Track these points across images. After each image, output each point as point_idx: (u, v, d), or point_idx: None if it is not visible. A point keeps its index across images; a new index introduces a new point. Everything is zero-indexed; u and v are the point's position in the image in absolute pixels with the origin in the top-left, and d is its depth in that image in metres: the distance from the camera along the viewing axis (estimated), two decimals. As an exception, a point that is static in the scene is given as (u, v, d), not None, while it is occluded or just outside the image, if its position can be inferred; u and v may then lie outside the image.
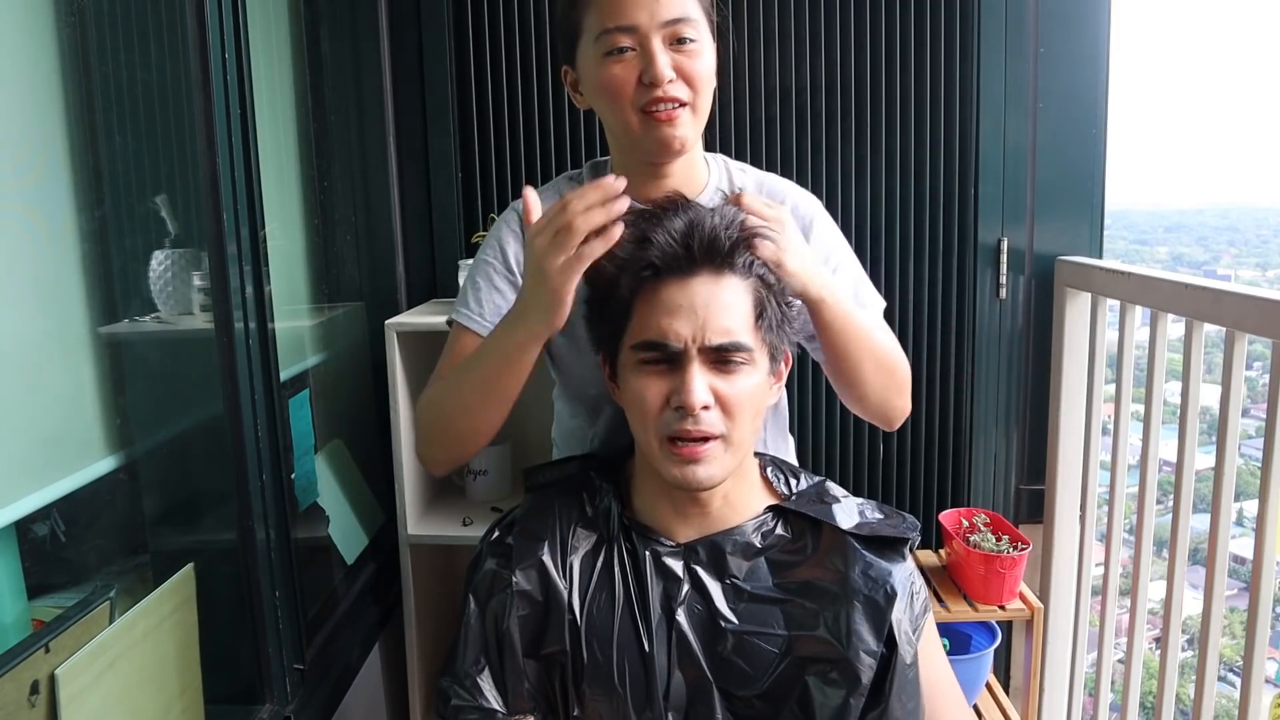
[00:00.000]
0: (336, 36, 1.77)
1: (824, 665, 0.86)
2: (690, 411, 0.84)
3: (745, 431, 0.87)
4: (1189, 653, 1.85)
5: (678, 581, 0.90)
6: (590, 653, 0.88)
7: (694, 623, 0.88)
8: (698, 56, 0.95)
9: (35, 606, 0.97)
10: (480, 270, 1.06)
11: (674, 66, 0.93)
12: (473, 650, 0.90)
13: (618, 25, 0.93)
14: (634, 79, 0.94)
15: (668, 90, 0.93)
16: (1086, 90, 1.85)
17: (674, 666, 0.87)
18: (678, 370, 0.85)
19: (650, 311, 0.86)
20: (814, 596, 0.88)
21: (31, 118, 0.98)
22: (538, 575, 0.90)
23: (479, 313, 1.03)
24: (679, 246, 0.85)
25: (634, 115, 0.95)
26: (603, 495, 0.95)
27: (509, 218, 1.08)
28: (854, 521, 0.92)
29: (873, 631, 0.86)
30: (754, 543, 0.91)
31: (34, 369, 0.96)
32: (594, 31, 0.95)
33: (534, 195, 0.91)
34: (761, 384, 0.88)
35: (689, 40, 0.94)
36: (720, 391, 0.85)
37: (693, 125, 0.97)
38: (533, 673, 0.89)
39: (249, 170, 1.16)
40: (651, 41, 0.93)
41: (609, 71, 0.94)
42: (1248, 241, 8.68)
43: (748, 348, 0.85)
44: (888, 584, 0.88)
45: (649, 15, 0.93)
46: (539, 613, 0.89)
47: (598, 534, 0.93)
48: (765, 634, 0.88)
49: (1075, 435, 1.84)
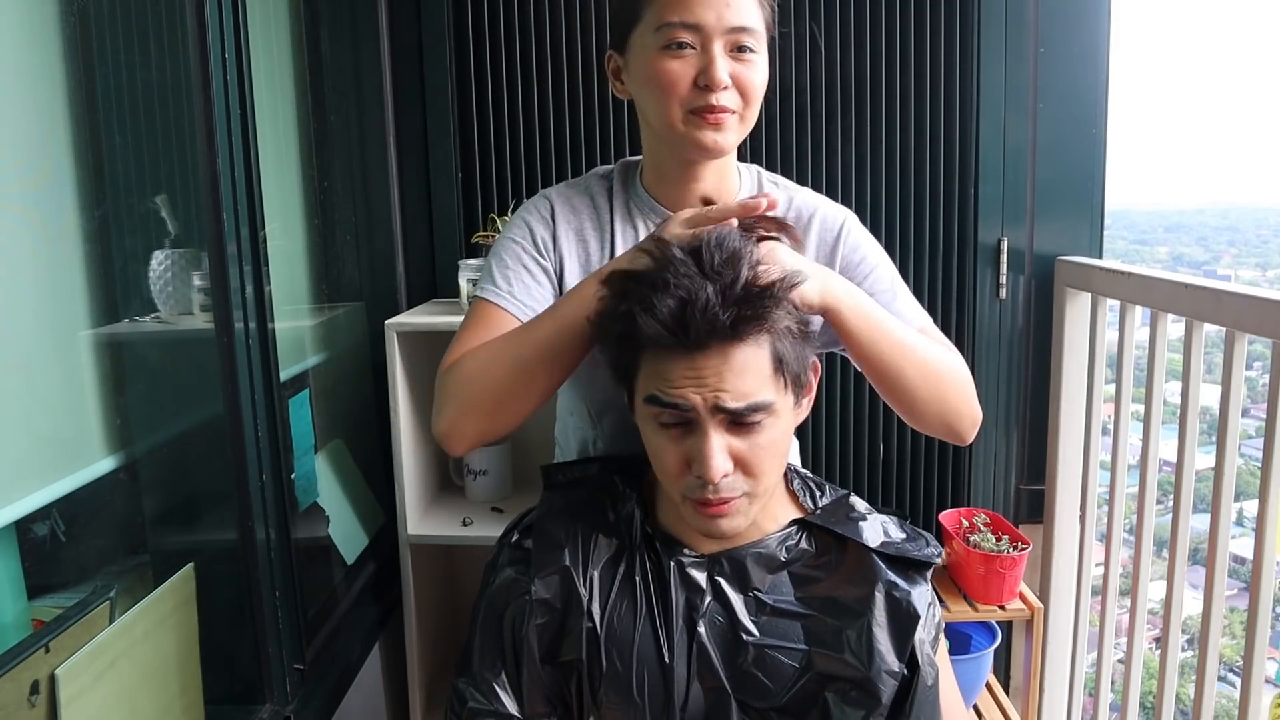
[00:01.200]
0: (336, 36, 1.77)
1: (844, 684, 0.85)
2: (710, 482, 0.81)
3: (770, 481, 0.85)
4: (1189, 653, 1.85)
5: (700, 592, 0.89)
6: (610, 661, 0.87)
7: (714, 634, 0.87)
8: (755, 67, 0.94)
9: (35, 606, 0.97)
10: (507, 249, 1.03)
11: (731, 74, 0.92)
12: (489, 654, 0.90)
13: (682, 20, 0.91)
14: (689, 78, 0.92)
15: (720, 97, 0.92)
16: (1086, 90, 1.85)
17: (693, 677, 0.86)
18: (693, 433, 0.81)
19: (655, 376, 0.81)
20: (837, 613, 0.87)
21: (32, 118, 0.98)
22: (557, 583, 0.89)
23: (508, 290, 0.99)
24: (672, 332, 0.78)
25: (680, 113, 0.94)
26: (625, 502, 0.94)
27: (538, 205, 1.05)
28: (879, 540, 0.91)
29: (895, 652, 0.85)
30: (778, 556, 0.90)
31: (34, 369, 0.96)
32: (654, 22, 0.92)
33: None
34: (787, 426, 0.86)
35: (749, 50, 0.93)
36: (740, 453, 0.82)
37: (736, 132, 0.96)
38: (549, 679, 0.88)
39: (249, 170, 1.16)
40: (714, 44, 0.91)
41: (665, 64, 0.92)
42: (1248, 241, 8.68)
43: (768, 405, 0.81)
44: (912, 605, 0.87)
45: (716, 17, 0.91)
46: (557, 621, 0.88)
47: (619, 541, 0.91)
48: (786, 648, 0.86)
49: (1075, 435, 1.84)
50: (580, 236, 1.03)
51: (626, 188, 1.05)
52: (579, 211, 1.04)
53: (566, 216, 1.03)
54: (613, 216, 1.03)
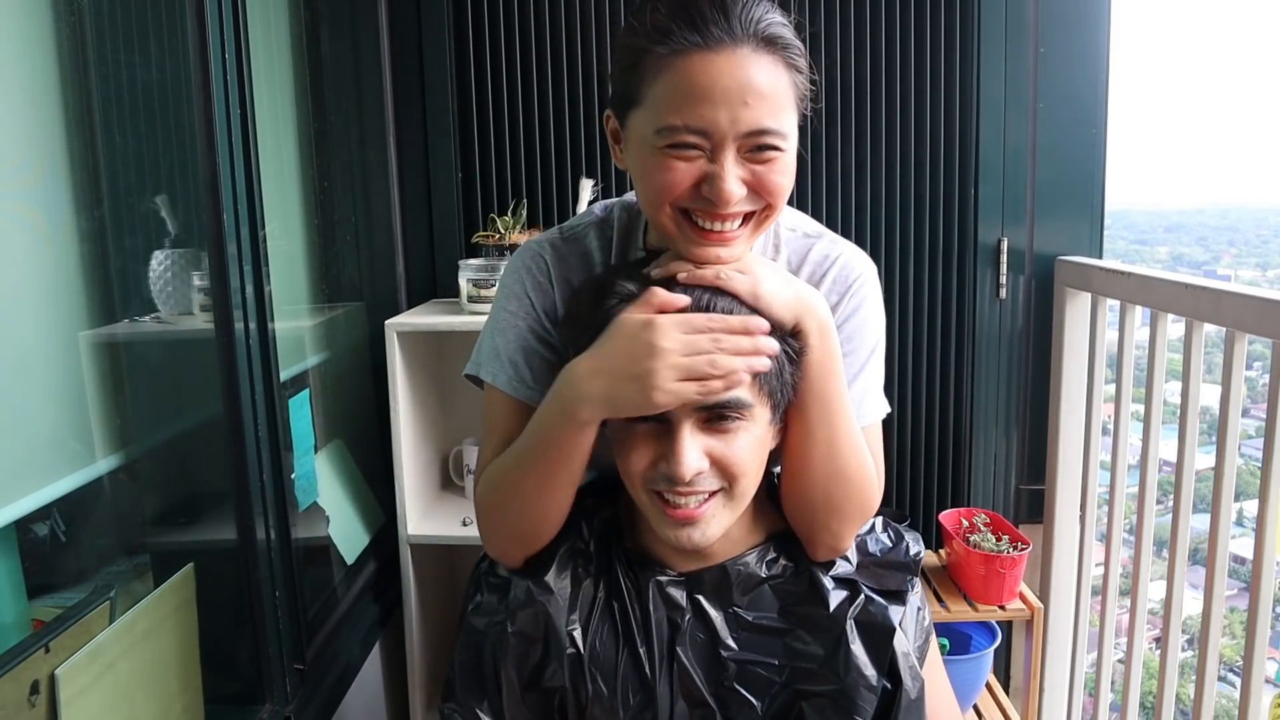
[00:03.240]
0: (336, 36, 1.77)
1: (821, 699, 0.85)
2: (680, 482, 0.78)
3: (746, 486, 0.82)
4: (1189, 653, 1.85)
5: (680, 611, 0.88)
6: (594, 684, 0.87)
7: (696, 652, 0.87)
8: (779, 166, 0.78)
9: (35, 606, 0.97)
10: (510, 328, 0.91)
11: (746, 180, 0.77)
12: (471, 682, 0.90)
13: (688, 124, 0.75)
14: (691, 180, 0.76)
15: (731, 209, 0.77)
16: (1086, 90, 1.85)
17: (676, 696, 0.86)
18: (667, 433, 0.79)
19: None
20: (814, 629, 0.87)
21: (31, 118, 0.98)
22: (534, 617, 0.88)
23: (526, 379, 0.90)
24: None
25: (678, 217, 0.79)
26: (601, 525, 0.93)
27: (536, 267, 0.93)
28: (856, 561, 0.90)
29: (873, 665, 0.85)
30: (758, 573, 0.89)
31: (34, 369, 0.96)
32: (655, 119, 0.77)
33: (678, 302, 0.77)
34: (762, 439, 0.82)
35: (773, 149, 0.77)
36: (715, 453, 0.79)
37: (748, 240, 0.82)
38: (533, 705, 0.88)
39: (249, 170, 1.16)
40: (725, 153, 0.75)
41: (663, 164, 0.77)
42: (1248, 241, 8.68)
43: (744, 404, 0.78)
44: (887, 618, 0.86)
45: (730, 120, 0.74)
46: (538, 650, 0.88)
47: (596, 564, 0.91)
48: (767, 664, 0.86)
49: (1075, 435, 1.83)
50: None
51: (629, 241, 0.93)
52: (578, 274, 0.92)
53: (567, 278, 0.92)
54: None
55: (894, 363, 1.89)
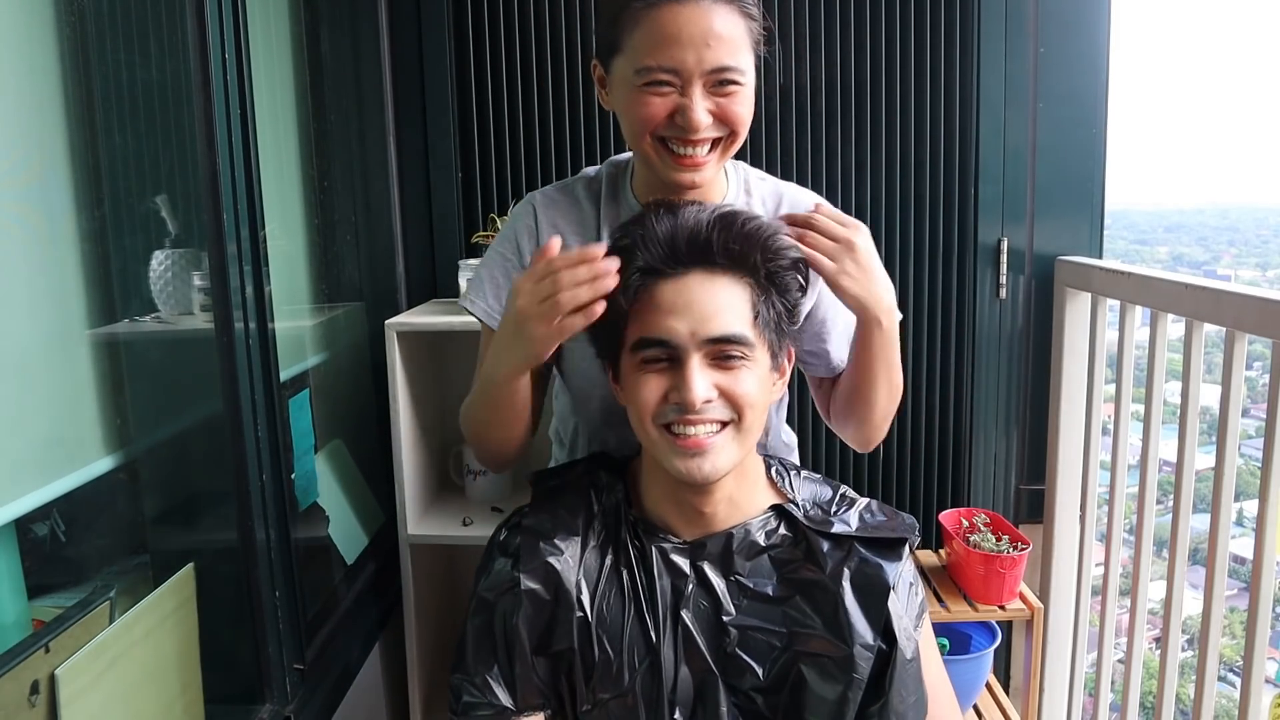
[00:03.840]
0: (336, 36, 1.77)
1: (821, 660, 0.87)
2: (690, 408, 0.84)
3: (753, 420, 0.87)
4: (1189, 653, 1.85)
5: (684, 578, 0.91)
6: (601, 649, 0.89)
7: (699, 619, 0.90)
8: (739, 99, 0.91)
9: (35, 606, 0.97)
10: (497, 265, 1.06)
11: (712, 110, 0.90)
12: (483, 648, 0.91)
13: (661, 64, 0.88)
14: (666, 112, 0.90)
15: (700, 134, 0.91)
16: (1086, 90, 1.85)
17: (680, 661, 0.89)
18: (678, 368, 0.85)
19: (646, 312, 0.86)
20: (811, 594, 0.90)
21: (31, 117, 0.97)
22: (546, 575, 0.90)
23: (499, 310, 1.03)
24: (664, 248, 0.85)
25: (658, 145, 0.93)
26: (610, 492, 0.96)
27: (525, 212, 1.06)
28: (854, 525, 0.93)
29: (869, 625, 0.88)
30: (758, 541, 0.92)
31: (34, 368, 0.96)
32: (633, 61, 0.90)
33: (556, 244, 0.87)
34: (764, 380, 0.88)
35: (733, 84, 0.90)
36: (723, 386, 0.85)
37: (716, 165, 0.95)
38: (542, 669, 0.90)
39: (249, 170, 1.16)
40: (693, 87, 0.89)
41: (642, 99, 0.90)
42: (1248, 241, 8.68)
43: (748, 340, 0.85)
44: (882, 578, 0.89)
45: (695, 60, 0.88)
46: (548, 611, 0.90)
47: (605, 531, 0.94)
48: (768, 629, 0.89)
49: (1075, 435, 1.84)
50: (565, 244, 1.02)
51: (616, 194, 1.04)
52: (567, 216, 1.04)
53: (553, 221, 1.04)
54: (600, 223, 1.03)
55: (894, 363, 1.89)
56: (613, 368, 0.93)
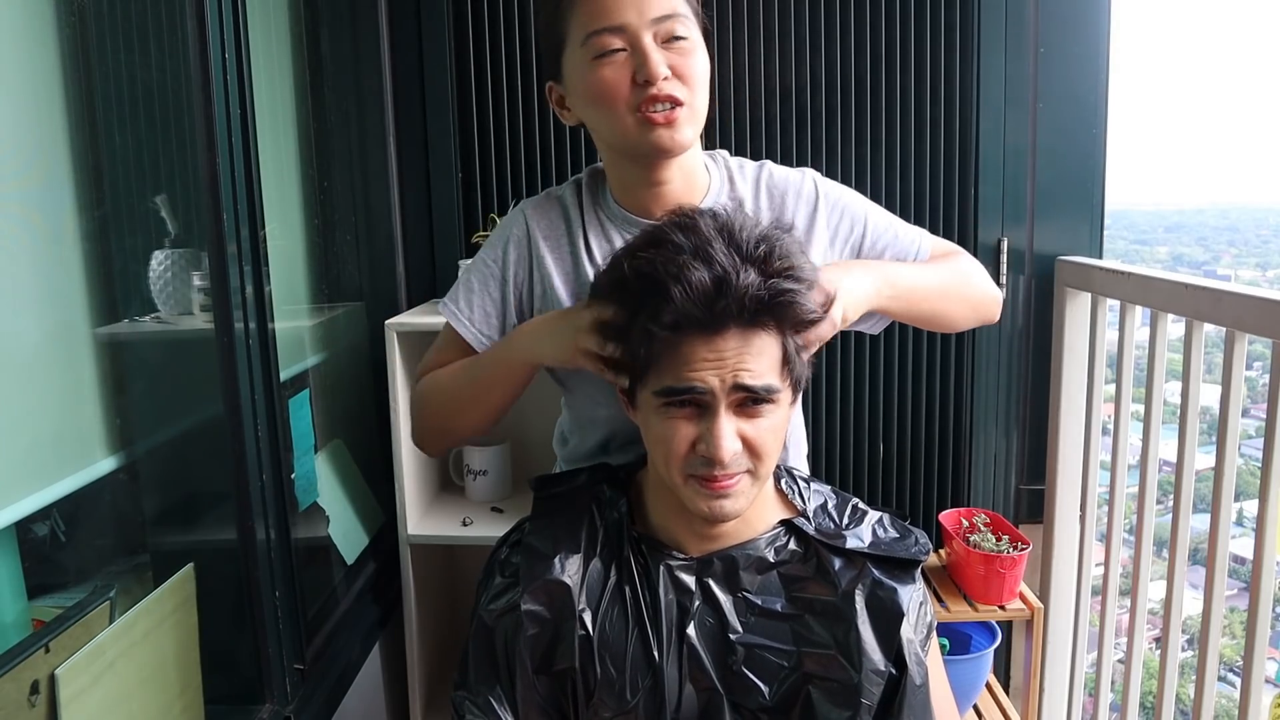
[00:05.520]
0: (336, 36, 1.77)
1: (830, 683, 0.86)
2: (720, 465, 0.82)
3: (770, 464, 0.87)
4: (1189, 653, 1.85)
5: (690, 594, 0.89)
6: (603, 668, 0.87)
7: (704, 636, 0.88)
8: (691, 54, 0.92)
9: (35, 606, 0.97)
10: (478, 271, 1.05)
11: (669, 65, 0.91)
12: (484, 667, 0.90)
13: (605, 26, 0.90)
14: (627, 80, 0.91)
15: (663, 88, 0.90)
16: (1086, 90, 1.85)
17: (685, 679, 0.87)
18: (705, 415, 0.83)
19: (673, 362, 0.83)
20: (823, 613, 0.88)
21: (32, 118, 0.98)
22: (547, 595, 0.89)
23: (468, 315, 1.04)
24: (702, 309, 0.80)
25: (629, 117, 0.92)
26: (613, 508, 0.94)
27: (515, 220, 1.05)
28: (867, 541, 0.92)
29: (881, 650, 0.86)
30: (767, 557, 0.91)
31: (34, 369, 0.96)
32: (580, 37, 0.92)
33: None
34: (785, 414, 0.88)
35: (681, 38, 0.92)
36: (747, 435, 0.84)
37: (691, 126, 0.94)
38: (544, 688, 0.89)
39: (249, 170, 1.16)
40: (643, 39, 0.90)
41: (599, 74, 0.91)
42: (1248, 241, 8.67)
43: (778, 390, 0.84)
44: (896, 602, 0.87)
45: (637, 12, 0.90)
46: (549, 631, 0.89)
47: (608, 548, 0.92)
48: (775, 648, 0.87)
49: (1075, 435, 1.84)
50: (558, 250, 1.03)
51: (596, 200, 1.04)
52: (555, 224, 1.04)
53: (544, 231, 1.03)
54: (585, 230, 1.03)
55: (894, 362, 1.89)
56: (627, 394, 0.90)
